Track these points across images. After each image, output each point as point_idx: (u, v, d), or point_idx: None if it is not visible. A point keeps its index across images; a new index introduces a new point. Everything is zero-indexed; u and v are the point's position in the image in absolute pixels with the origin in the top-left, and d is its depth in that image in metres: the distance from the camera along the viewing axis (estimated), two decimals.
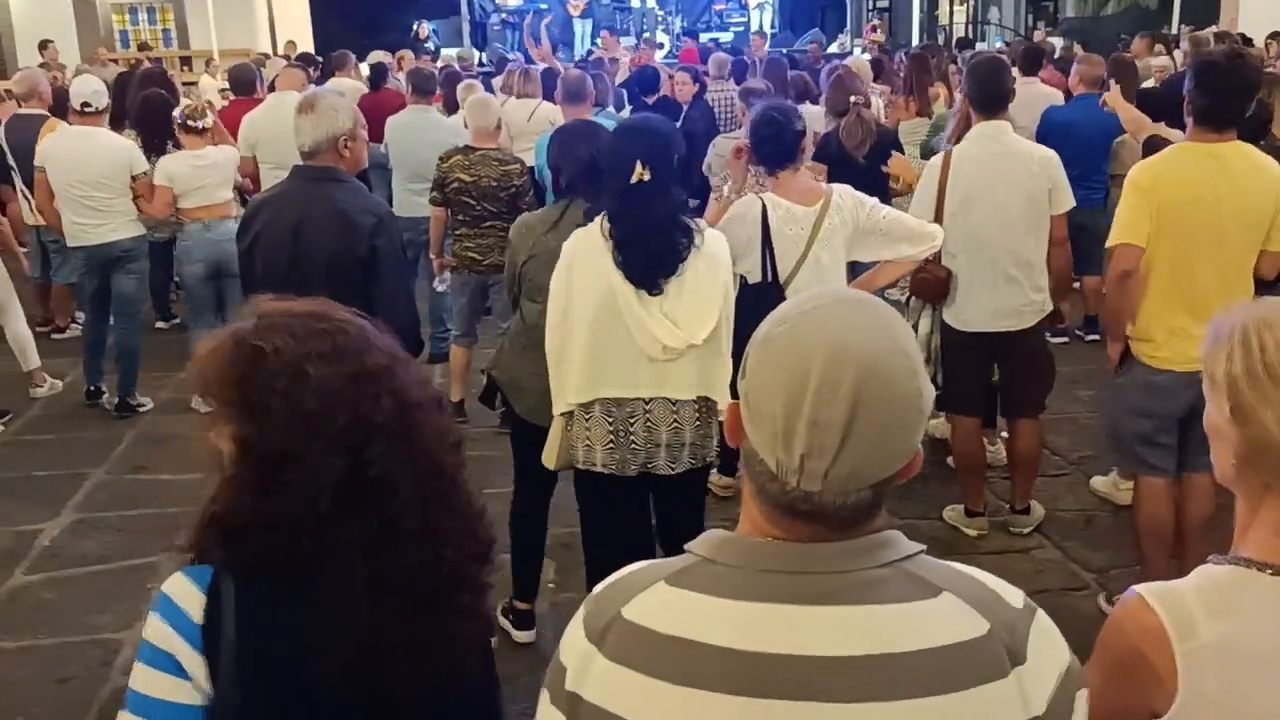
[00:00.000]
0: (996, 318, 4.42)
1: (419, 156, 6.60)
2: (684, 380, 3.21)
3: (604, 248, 3.12)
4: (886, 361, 1.09)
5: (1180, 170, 3.57)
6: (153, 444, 5.95)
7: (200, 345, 1.52)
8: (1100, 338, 7.00)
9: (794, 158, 3.79)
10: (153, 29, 20.14)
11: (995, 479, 5.01)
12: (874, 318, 1.13)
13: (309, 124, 3.52)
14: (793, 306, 1.17)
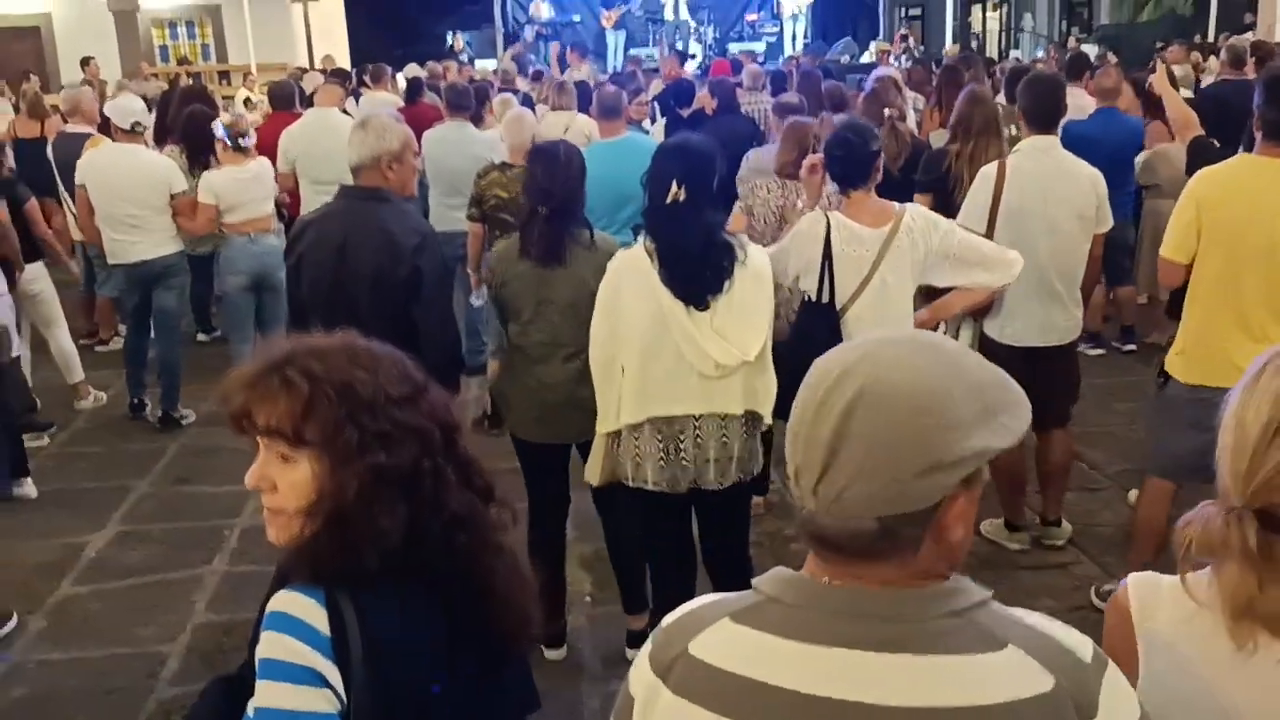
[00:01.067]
0: (1042, 333, 4.42)
1: (455, 171, 6.66)
2: (732, 396, 3.26)
3: (649, 266, 3.18)
4: (894, 390, 1.09)
5: (1241, 183, 3.54)
6: (195, 456, 6.04)
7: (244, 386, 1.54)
8: (1136, 348, 6.98)
9: (867, 178, 3.71)
10: (191, 43, 20.43)
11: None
12: (915, 356, 1.13)
13: (358, 140, 3.62)
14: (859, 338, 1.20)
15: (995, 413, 1.12)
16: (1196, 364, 3.63)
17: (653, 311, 3.17)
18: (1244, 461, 1.32)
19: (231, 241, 6.38)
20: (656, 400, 3.24)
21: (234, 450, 1.52)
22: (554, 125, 7.68)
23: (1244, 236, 3.49)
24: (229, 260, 6.42)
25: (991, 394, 1.14)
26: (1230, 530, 1.31)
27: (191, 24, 20.55)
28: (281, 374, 1.52)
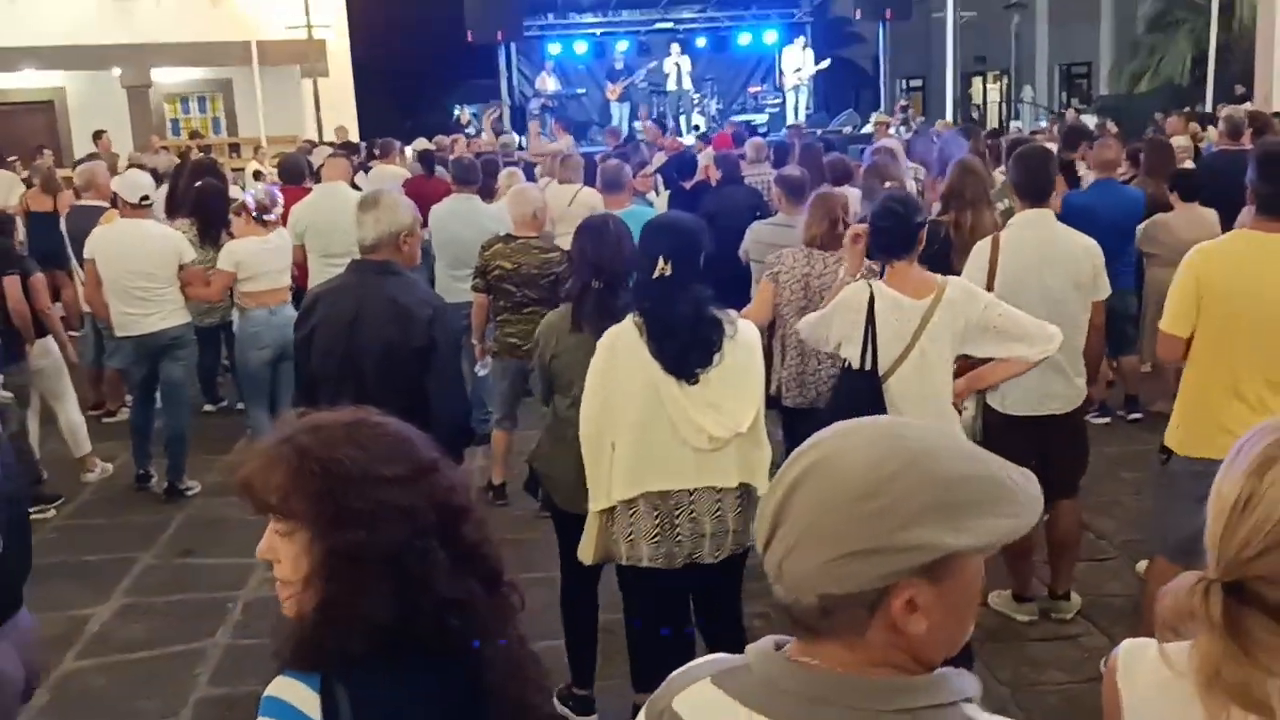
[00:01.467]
0: (1041, 402, 4.43)
1: (461, 243, 6.74)
2: (727, 468, 3.26)
3: (639, 341, 3.21)
4: (838, 471, 1.09)
5: (1236, 257, 3.59)
6: (200, 527, 6.03)
7: (251, 459, 1.56)
8: (1142, 416, 6.99)
9: (910, 249, 3.75)
10: (203, 117, 20.81)
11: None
12: (873, 442, 1.11)
13: (371, 219, 3.67)
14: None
15: (960, 511, 1.08)
16: (1196, 436, 3.64)
17: (645, 386, 3.19)
18: (1218, 533, 1.32)
19: (252, 315, 6.43)
20: (651, 475, 3.24)
21: (239, 521, 1.55)
22: (559, 198, 7.79)
23: (1240, 309, 3.53)
24: (253, 335, 6.43)
25: (961, 491, 1.09)
26: (1199, 601, 1.30)
27: (203, 98, 20.93)
28: (276, 447, 1.54)
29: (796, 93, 21.00)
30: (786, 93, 21.20)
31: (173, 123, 20.57)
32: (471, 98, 24.93)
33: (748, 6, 23.61)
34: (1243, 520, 1.29)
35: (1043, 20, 30.61)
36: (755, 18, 23.78)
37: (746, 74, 23.62)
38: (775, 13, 23.70)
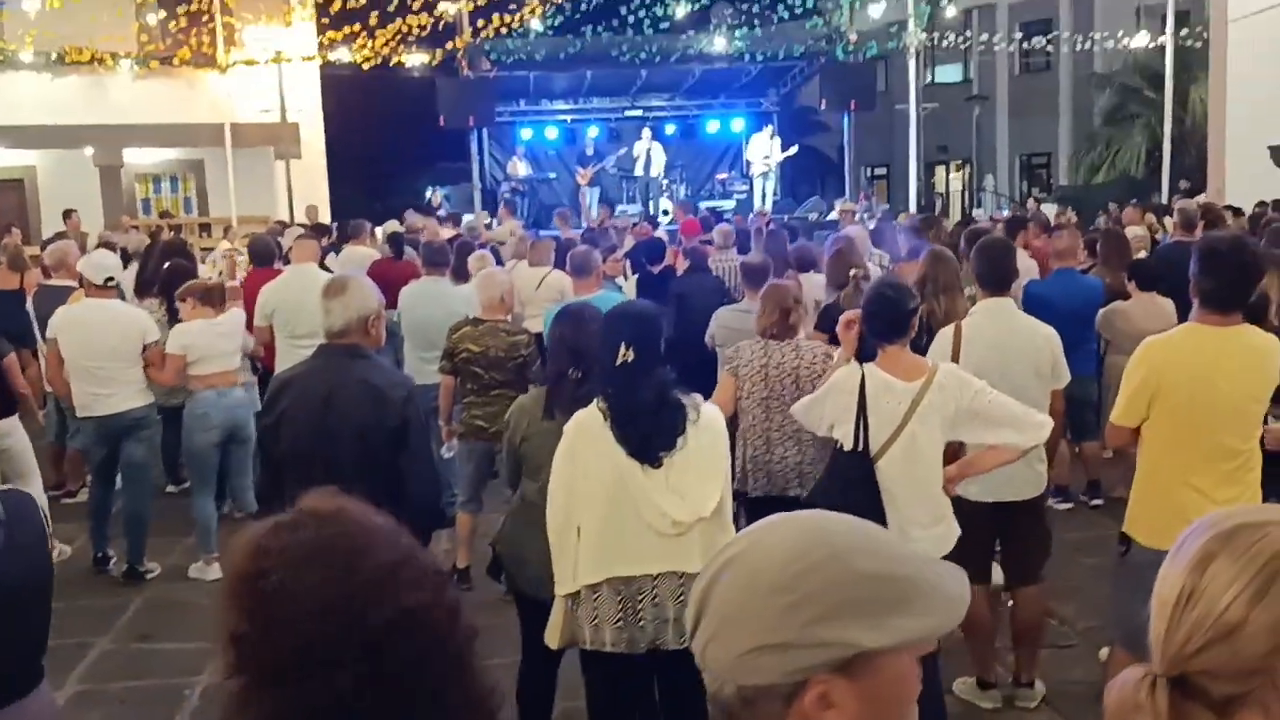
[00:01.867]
0: (1002, 489, 4.47)
1: (432, 325, 6.78)
2: (691, 553, 3.28)
3: (603, 426, 3.25)
4: (757, 564, 1.11)
5: (1187, 351, 3.69)
6: (158, 610, 5.94)
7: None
8: (1103, 502, 7.05)
9: (903, 332, 3.82)
10: (174, 197, 20.87)
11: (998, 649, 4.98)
12: (795, 536, 1.13)
13: (340, 306, 3.69)
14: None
15: (874, 610, 1.09)
16: (1154, 526, 3.71)
17: (609, 471, 3.23)
18: (1161, 630, 1.33)
19: (200, 397, 6.40)
20: (616, 560, 3.26)
21: (198, 605, 1.51)
22: (528, 280, 7.88)
23: (1192, 403, 3.63)
24: (200, 416, 6.41)
25: (877, 590, 1.10)
26: (1145, 697, 1.30)
27: (175, 178, 21.02)
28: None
29: (764, 179, 21.38)
30: (754, 179, 21.57)
31: (144, 202, 20.62)
32: (443, 180, 25.22)
33: (716, 96, 24.14)
34: (1185, 616, 1.30)
35: (1003, 112, 31.48)
36: (724, 106, 24.32)
37: (714, 161, 24.07)
38: (743, 102, 24.25)
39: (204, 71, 19.04)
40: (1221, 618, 1.25)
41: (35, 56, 18.25)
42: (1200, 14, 21.42)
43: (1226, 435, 3.63)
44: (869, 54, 21.50)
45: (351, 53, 19.37)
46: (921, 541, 3.71)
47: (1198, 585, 1.29)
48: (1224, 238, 4.05)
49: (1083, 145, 27.72)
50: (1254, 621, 1.23)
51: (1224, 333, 3.64)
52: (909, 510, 3.72)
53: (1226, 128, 17.80)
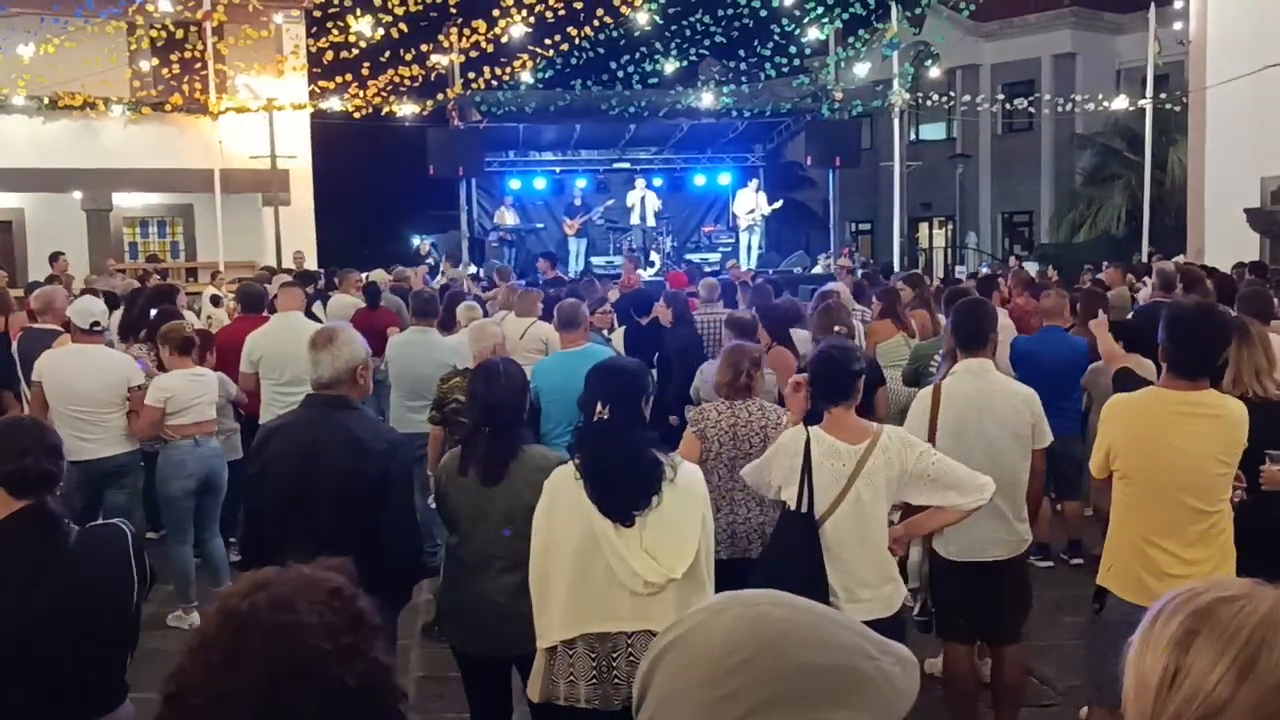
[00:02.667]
0: (984, 549, 4.50)
1: (418, 374, 6.82)
2: (665, 612, 3.27)
3: (577, 484, 3.29)
4: (691, 653, 1.09)
5: (1147, 414, 3.77)
6: (136, 659, 5.86)
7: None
8: (1084, 561, 7.08)
9: (848, 395, 3.84)
10: (162, 241, 20.90)
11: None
12: (734, 625, 1.11)
13: (329, 357, 3.69)
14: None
15: (807, 704, 1.06)
16: (1126, 582, 3.77)
17: (582, 529, 3.24)
18: (1146, 708, 1.31)
19: (177, 446, 6.36)
20: (590, 617, 3.28)
21: (175, 654, 1.51)
22: (513, 331, 7.91)
23: (1150, 466, 3.72)
24: (178, 464, 6.36)
25: (811, 683, 1.07)
26: None
27: (163, 223, 21.07)
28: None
29: (749, 233, 21.56)
30: (740, 233, 21.75)
31: (131, 246, 20.64)
32: (431, 229, 25.32)
33: (703, 150, 24.40)
34: (1171, 696, 1.28)
35: (986, 171, 31.94)
36: (710, 160, 24.56)
37: (701, 213, 24.28)
38: (729, 157, 24.52)
39: (195, 117, 19.17)
40: (1209, 697, 1.24)
41: (28, 100, 18.34)
42: (1179, 79, 21.86)
43: (1188, 496, 3.69)
44: (854, 112, 21.79)
45: (343, 101, 19.54)
46: (870, 602, 3.73)
47: (1181, 664, 1.28)
48: (1191, 305, 4.14)
49: (1064, 204, 28.11)
50: (1241, 698, 1.23)
51: (1188, 397, 3.71)
52: (857, 571, 3.75)
53: (1205, 190, 18.09)
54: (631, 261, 15.83)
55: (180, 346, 6.44)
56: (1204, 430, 3.70)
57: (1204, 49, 18.10)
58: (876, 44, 20.20)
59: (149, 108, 19.02)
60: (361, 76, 19.23)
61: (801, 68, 20.90)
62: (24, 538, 2.82)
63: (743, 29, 18.93)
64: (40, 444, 2.92)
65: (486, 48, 18.71)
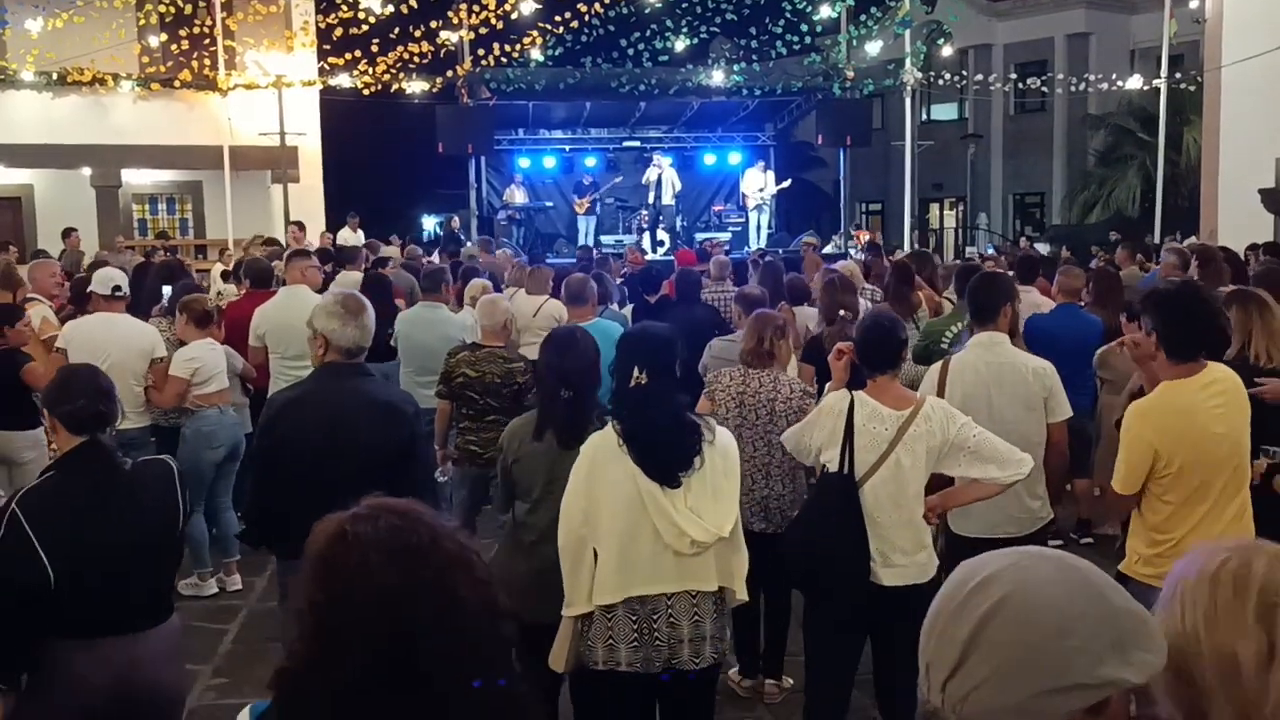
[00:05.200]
0: (996, 525, 4.46)
1: (427, 350, 6.81)
2: (706, 572, 3.33)
3: (620, 449, 3.28)
4: (1037, 605, 1.09)
5: (1167, 408, 3.72)
6: None
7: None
8: (1094, 540, 7.06)
9: (894, 364, 3.88)
10: (171, 218, 20.91)
11: None
12: (1063, 575, 1.13)
13: (359, 325, 3.75)
14: (1009, 549, 1.20)
15: (1129, 645, 1.10)
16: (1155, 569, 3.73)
17: (629, 493, 3.26)
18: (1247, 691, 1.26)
19: (206, 415, 6.39)
20: (635, 581, 3.29)
21: (188, 628, 1.53)
22: (524, 308, 7.89)
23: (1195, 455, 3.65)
24: (208, 434, 6.38)
25: (1126, 624, 1.12)
26: None
27: (173, 200, 21.08)
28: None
29: (759, 212, 21.48)
30: (749, 212, 21.68)
31: (140, 223, 20.66)
32: (440, 207, 25.29)
33: (713, 128, 24.28)
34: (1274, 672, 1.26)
35: (998, 151, 31.77)
36: (721, 139, 24.45)
37: (711, 193, 24.17)
38: (740, 135, 24.39)
39: (204, 94, 19.13)
40: None
41: (36, 76, 18.32)
42: (1194, 58, 21.67)
43: (1226, 476, 3.67)
44: (866, 91, 21.65)
45: (352, 78, 19.48)
46: (905, 568, 3.75)
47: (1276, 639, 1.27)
48: (1172, 286, 4.09)
49: (1076, 185, 27.96)
50: None
51: (1196, 379, 3.69)
52: (892, 536, 3.75)
53: (1219, 170, 17.96)
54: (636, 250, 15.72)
55: (200, 319, 6.48)
56: (1223, 405, 3.67)
57: (1219, 28, 17.93)
58: (888, 22, 20.05)
59: (158, 84, 18.98)
60: (371, 53, 19.20)
61: (813, 46, 20.78)
62: (85, 470, 3.20)
63: (754, 6, 18.86)
64: (92, 387, 3.32)
65: (496, 24, 18.66)
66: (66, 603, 3.02)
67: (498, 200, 22.53)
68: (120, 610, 3.14)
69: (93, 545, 3.07)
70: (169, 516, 3.26)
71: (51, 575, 2.99)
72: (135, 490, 3.22)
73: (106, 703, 3.07)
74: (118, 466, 3.24)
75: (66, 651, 3.06)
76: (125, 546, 3.12)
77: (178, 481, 3.30)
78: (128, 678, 3.10)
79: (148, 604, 3.23)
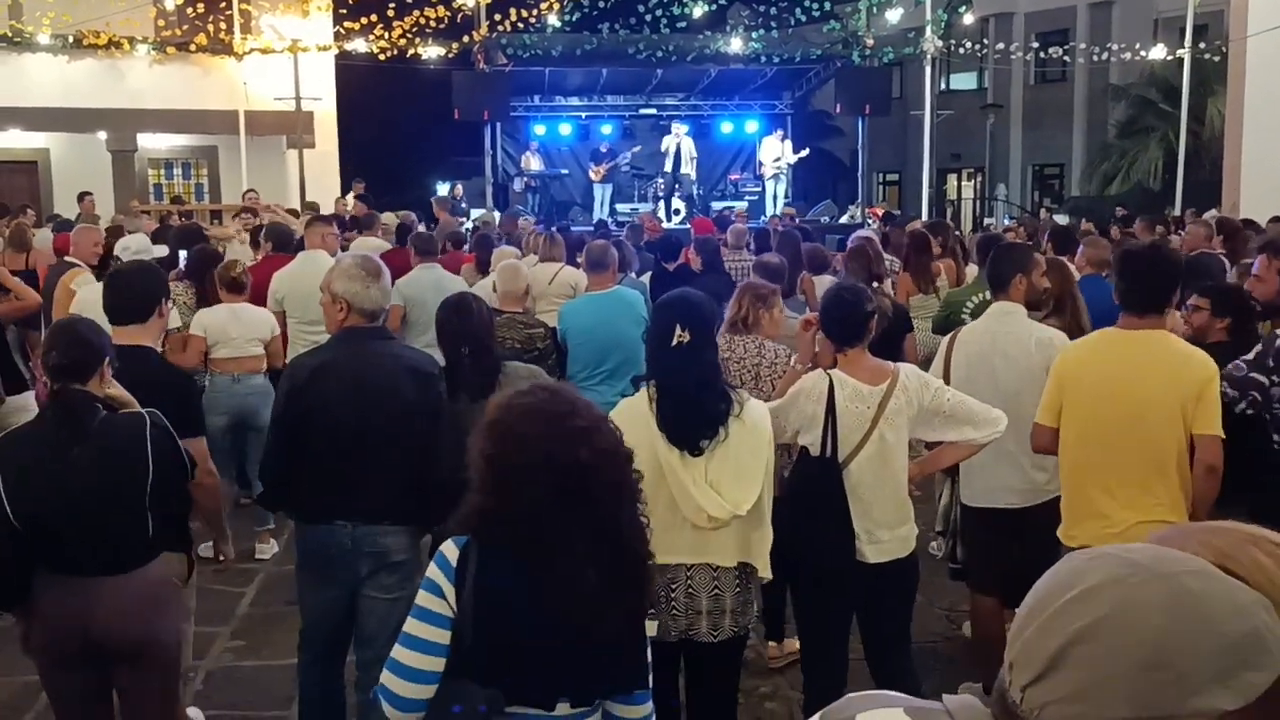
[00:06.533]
0: (996, 494, 4.45)
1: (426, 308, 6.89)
2: (726, 547, 3.30)
3: (649, 414, 3.25)
4: (1138, 632, 1.05)
5: (1095, 355, 3.79)
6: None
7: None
8: None
9: (861, 337, 3.81)
10: (186, 183, 20.88)
11: None
12: (1174, 601, 1.08)
13: (380, 288, 3.78)
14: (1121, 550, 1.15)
15: (1238, 670, 1.06)
16: (1066, 528, 3.82)
17: (649, 461, 3.21)
18: None
19: (214, 381, 6.41)
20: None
21: (202, 590, 1.51)
22: (540, 275, 7.86)
23: (1106, 407, 3.67)
24: (211, 401, 6.37)
25: (1237, 653, 1.07)
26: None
27: (188, 164, 21.04)
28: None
29: (775, 181, 21.35)
30: (766, 181, 21.55)
31: (156, 187, 20.63)
32: (455, 174, 25.20)
33: (731, 96, 24.11)
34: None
35: (1017, 122, 31.46)
36: (738, 108, 24.28)
37: (728, 161, 24.04)
38: (757, 104, 24.21)
39: (219, 58, 19.06)
40: None
41: (52, 39, 18.26)
42: (1219, 28, 21.40)
43: (1142, 438, 3.64)
44: (885, 59, 21.45)
45: (368, 43, 19.37)
46: (889, 543, 3.73)
47: None
48: (1140, 244, 4.08)
49: (1096, 157, 27.66)
50: None
51: (1139, 335, 3.69)
52: (877, 513, 3.72)
53: (1243, 143, 17.74)
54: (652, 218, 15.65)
55: (231, 285, 6.51)
56: (1164, 364, 3.65)
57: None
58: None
59: (173, 48, 18.90)
60: (387, 18, 19.08)
61: (832, 13, 20.57)
62: (53, 419, 3.30)
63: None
64: (66, 337, 3.34)
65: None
66: (34, 541, 3.20)
67: (513, 167, 22.45)
68: (80, 553, 3.24)
69: (48, 490, 3.18)
70: (132, 470, 3.26)
71: (9, 513, 3.15)
72: (99, 442, 3.24)
73: (71, 639, 3.25)
74: (83, 418, 3.25)
75: (40, 587, 3.26)
76: (80, 493, 3.20)
77: (149, 437, 3.28)
78: (88, 619, 3.23)
79: (108, 552, 3.28)
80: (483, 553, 2.26)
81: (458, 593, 2.26)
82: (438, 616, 2.28)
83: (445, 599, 2.27)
